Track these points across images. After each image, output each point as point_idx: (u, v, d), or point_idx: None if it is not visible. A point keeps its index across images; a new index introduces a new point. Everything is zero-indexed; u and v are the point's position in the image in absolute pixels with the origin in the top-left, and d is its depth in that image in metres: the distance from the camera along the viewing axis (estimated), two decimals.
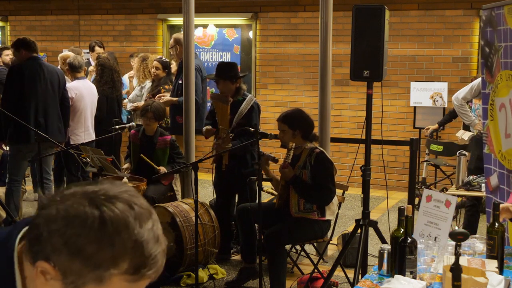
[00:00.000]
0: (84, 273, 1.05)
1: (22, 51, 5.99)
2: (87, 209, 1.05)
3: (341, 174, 5.77)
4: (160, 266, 1.09)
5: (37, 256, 1.08)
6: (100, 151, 5.21)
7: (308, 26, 8.62)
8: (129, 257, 1.05)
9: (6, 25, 10.85)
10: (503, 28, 4.03)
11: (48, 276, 1.07)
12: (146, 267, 1.06)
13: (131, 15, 9.84)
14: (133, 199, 1.08)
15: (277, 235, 4.41)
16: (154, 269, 1.08)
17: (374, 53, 3.92)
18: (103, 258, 1.04)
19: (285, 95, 8.91)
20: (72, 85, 6.51)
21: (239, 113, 5.21)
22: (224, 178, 5.37)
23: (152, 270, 1.07)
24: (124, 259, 1.05)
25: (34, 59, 6.01)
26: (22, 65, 5.95)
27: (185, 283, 4.86)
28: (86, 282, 1.06)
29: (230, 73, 5.23)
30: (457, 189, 5.12)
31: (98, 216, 1.04)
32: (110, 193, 1.08)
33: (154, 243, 1.07)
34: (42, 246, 1.06)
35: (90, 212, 1.04)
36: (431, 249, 2.78)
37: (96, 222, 1.03)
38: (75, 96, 6.44)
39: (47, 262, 1.06)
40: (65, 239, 1.04)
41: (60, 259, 1.05)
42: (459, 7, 8.00)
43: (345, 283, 4.80)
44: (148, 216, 1.08)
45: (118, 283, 1.06)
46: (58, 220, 1.05)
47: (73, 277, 1.05)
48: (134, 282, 1.07)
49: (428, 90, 7.89)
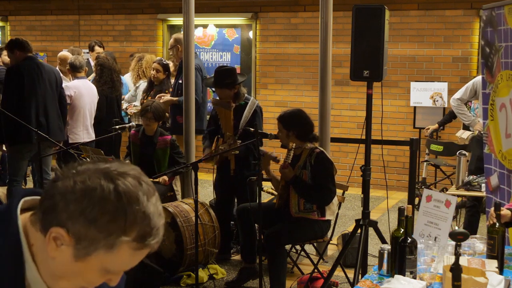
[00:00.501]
0: (97, 239, 1.16)
1: (16, 52, 5.98)
2: (102, 182, 1.16)
3: (341, 174, 5.77)
4: (161, 237, 1.21)
5: (50, 224, 1.17)
6: (100, 151, 5.21)
7: (308, 26, 8.62)
8: (138, 227, 1.16)
9: (6, 25, 10.85)
10: (504, 28, 4.03)
11: (59, 242, 1.18)
12: (151, 236, 1.18)
13: (131, 15, 9.84)
14: (141, 176, 1.21)
15: (277, 235, 4.41)
16: (157, 239, 1.20)
17: (374, 53, 3.92)
18: (116, 226, 1.15)
19: (285, 95, 8.91)
20: (72, 84, 6.51)
21: (243, 119, 5.20)
22: (226, 179, 5.36)
23: (155, 240, 1.19)
24: (133, 228, 1.16)
25: (30, 59, 6.01)
26: (20, 66, 5.94)
27: (185, 283, 4.86)
28: (98, 248, 1.16)
29: (226, 80, 5.17)
30: (457, 189, 5.12)
31: (113, 189, 1.16)
32: (121, 170, 1.20)
33: (158, 216, 1.20)
34: (57, 214, 1.17)
35: (106, 185, 1.16)
36: (431, 249, 2.78)
37: (112, 194, 1.15)
38: (74, 95, 6.44)
39: (62, 228, 1.16)
40: (83, 208, 1.15)
41: (76, 226, 1.15)
42: (459, 7, 8.00)
43: (345, 283, 4.80)
44: (153, 192, 1.21)
45: (125, 250, 1.17)
46: (76, 191, 1.16)
47: (86, 243, 1.16)
48: (138, 250, 1.19)
49: (428, 90, 7.89)
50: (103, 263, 1.19)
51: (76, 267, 1.19)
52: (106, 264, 1.19)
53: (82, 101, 6.53)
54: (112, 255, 1.17)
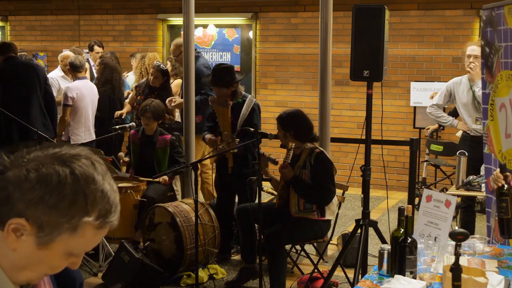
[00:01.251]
0: (60, 224, 1.16)
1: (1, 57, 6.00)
2: (57, 167, 1.16)
3: (341, 174, 5.77)
4: (118, 212, 1.23)
5: (7, 216, 1.16)
6: (100, 151, 5.21)
7: (308, 26, 8.62)
8: (99, 206, 1.18)
9: (6, 25, 10.85)
10: (503, 28, 4.03)
11: (19, 233, 1.16)
12: (112, 213, 1.21)
13: (131, 15, 9.84)
14: (92, 157, 1.22)
15: (277, 235, 4.41)
16: (116, 216, 1.23)
17: (374, 53, 3.92)
18: (77, 208, 1.16)
19: (285, 95, 8.91)
20: (73, 85, 6.49)
21: (241, 117, 5.19)
22: (225, 178, 5.36)
23: (115, 217, 1.22)
24: (94, 208, 1.18)
25: (8, 59, 6.00)
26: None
27: (185, 283, 4.86)
28: (62, 233, 1.17)
29: (224, 79, 5.16)
30: (457, 189, 5.12)
31: (69, 173, 1.16)
32: (72, 152, 1.21)
33: (114, 192, 1.22)
34: (13, 205, 1.15)
35: (62, 170, 1.16)
36: (431, 249, 2.78)
37: (69, 178, 1.16)
38: (76, 96, 6.42)
39: (21, 218, 1.15)
40: (41, 195, 1.14)
41: (36, 214, 1.15)
42: (459, 7, 8.00)
43: (345, 283, 4.80)
44: (106, 170, 1.22)
45: (89, 230, 1.19)
46: (31, 179, 1.15)
47: (49, 229, 1.16)
48: (101, 229, 1.21)
49: (428, 90, 7.89)
50: (67, 247, 1.19)
51: (40, 255, 1.19)
52: (71, 247, 1.20)
53: (84, 102, 6.51)
54: (76, 237, 1.18)
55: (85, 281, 4.93)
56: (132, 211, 5.31)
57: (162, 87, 6.59)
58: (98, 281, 4.89)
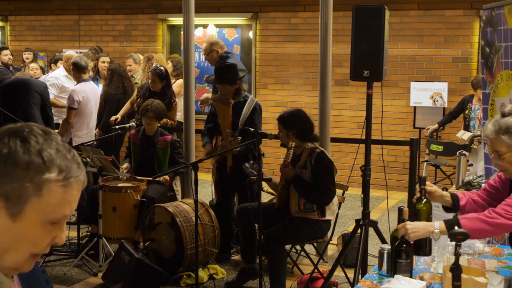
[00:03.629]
0: (23, 187, 1.16)
1: None
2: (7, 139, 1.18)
3: (341, 174, 5.78)
4: (84, 169, 1.24)
5: None
6: (100, 151, 5.21)
7: (308, 26, 8.62)
8: (58, 161, 1.19)
9: (6, 25, 10.85)
10: (504, 28, 4.03)
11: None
12: (74, 168, 1.21)
13: (131, 15, 9.84)
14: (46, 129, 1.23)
15: (277, 235, 4.41)
16: (82, 172, 1.22)
17: (374, 53, 3.92)
18: (35, 168, 1.16)
19: (285, 95, 8.91)
20: (80, 88, 6.36)
21: (242, 116, 5.20)
22: (225, 178, 5.36)
23: (81, 172, 1.22)
24: (52, 164, 1.18)
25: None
26: None
27: (185, 283, 4.86)
28: (29, 196, 1.16)
29: (227, 75, 5.18)
30: (457, 189, 5.12)
31: (20, 140, 1.18)
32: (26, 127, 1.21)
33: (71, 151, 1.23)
34: None
35: (12, 140, 1.17)
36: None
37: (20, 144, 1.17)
38: (82, 100, 6.32)
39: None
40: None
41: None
42: (459, 7, 8.00)
43: (345, 283, 4.80)
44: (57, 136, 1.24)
45: (56, 189, 1.18)
46: None
47: (16, 197, 1.16)
48: (68, 186, 1.20)
49: (428, 90, 7.89)
50: (41, 212, 1.18)
51: (17, 229, 1.18)
52: (44, 212, 1.18)
53: (89, 106, 6.46)
54: (45, 198, 1.17)
55: (85, 281, 4.95)
56: (132, 211, 5.32)
57: (162, 92, 6.36)
58: (98, 281, 4.89)
